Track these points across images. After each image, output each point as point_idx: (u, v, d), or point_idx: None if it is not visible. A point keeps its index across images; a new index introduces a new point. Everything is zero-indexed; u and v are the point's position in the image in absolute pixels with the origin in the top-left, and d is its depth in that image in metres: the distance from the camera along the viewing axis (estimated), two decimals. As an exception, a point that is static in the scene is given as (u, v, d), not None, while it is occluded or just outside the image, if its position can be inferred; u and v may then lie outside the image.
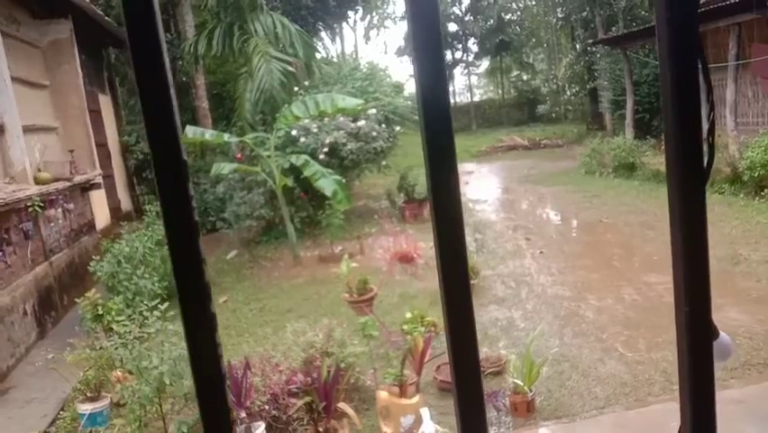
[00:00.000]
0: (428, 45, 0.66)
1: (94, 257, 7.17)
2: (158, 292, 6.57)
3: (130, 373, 4.57)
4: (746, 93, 13.05)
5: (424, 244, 6.32)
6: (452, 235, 0.70)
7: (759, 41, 12.34)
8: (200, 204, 11.92)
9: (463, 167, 20.17)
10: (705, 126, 0.81)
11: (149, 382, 4.06)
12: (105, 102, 12.45)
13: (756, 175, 9.91)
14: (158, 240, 7.79)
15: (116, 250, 6.99)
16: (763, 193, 9.81)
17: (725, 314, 5.69)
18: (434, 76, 0.66)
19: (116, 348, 4.29)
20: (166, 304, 4.84)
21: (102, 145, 11.34)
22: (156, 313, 4.70)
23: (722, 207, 9.87)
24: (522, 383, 4.23)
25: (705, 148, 0.80)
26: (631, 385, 4.59)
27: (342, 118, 10.38)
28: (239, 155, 9.98)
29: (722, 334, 0.99)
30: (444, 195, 0.69)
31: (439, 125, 0.68)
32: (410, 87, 32.15)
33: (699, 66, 0.73)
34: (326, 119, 10.23)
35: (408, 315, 4.56)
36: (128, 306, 5.94)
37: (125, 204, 12.61)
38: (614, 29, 20.66)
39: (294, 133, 10.18)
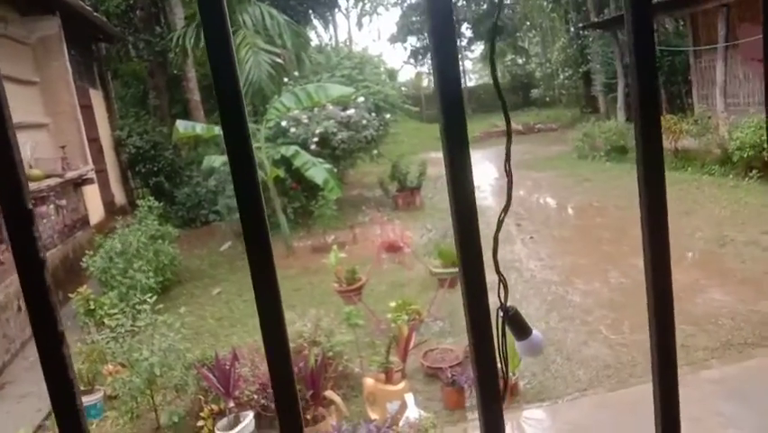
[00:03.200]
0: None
1: (88, 252, 7.24)
2: (152, 286, 6.66)
3: (122, 365, 4.66)
4: (737, 74, 13.06)
5: (411, 234, 6.40)
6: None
7: (748, 22, 12.34)
8: (193, 197, 11.98)
9: (458, 153, 20.14)
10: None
11: (140, 374, 4.15)
12: (96, 97, 12.46)
13: (746, 156, 9.97)
14: (151, 234, 7.86)
15: (108, 246, 7.06)
16: (752, 174, 9.87)
17: (709, 295, 5.79)
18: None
19: (108, 342, 4.37)
20: (156, 297, 4.91)
21: (94, 140, 11.37)
22: (146, 306, 4.78)
23: (712, 188, 9.94)
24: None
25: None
26: (614, 367, 4.68)
27: (331, 108, 10.41)
28: (230, 147, 10.00)
29: (534, 331, 1.09)
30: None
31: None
32: (404, 75, 31.93)
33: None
34: (316, 109, 10.26)
35: (393, 303, 4.64)
36: (122, 300, 6.02)
37: (119, 198, 12.66)
38: (605, 12, 20.62)
39: (284, 124, 10.21)
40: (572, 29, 24.77)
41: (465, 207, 0.77)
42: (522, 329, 1.11)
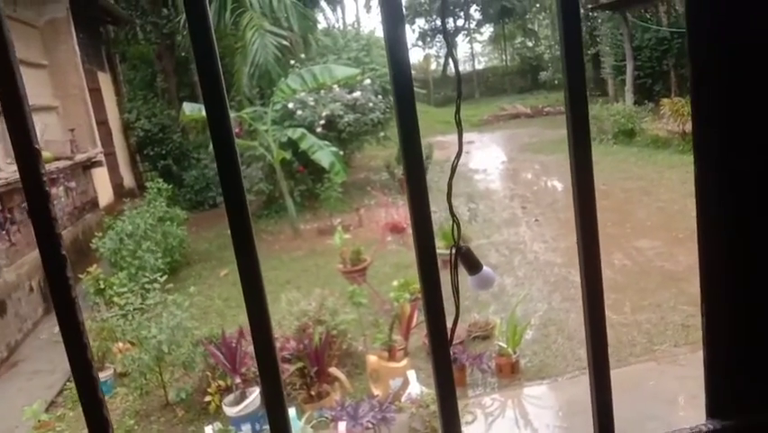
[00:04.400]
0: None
1: (97, 234, 7.35)
2: (160, 267, 6.76)
3: (131, 343, 4.77)
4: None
5: (416, 215, 6.44)
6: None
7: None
8: (201, 180, 12.07)
9: (465, 137, 20.09)
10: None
11: (148, 351, 4.25)
12: (104, 80, 12.53)
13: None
14: (159, 216, 7.95)
15: (119, 227, 7.16)
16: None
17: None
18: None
19: (118, 320, 4.47)
20: (164, 277, 5.01)
21: (103, 123, 11.46)
22: (156, 285, 4.88)
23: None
24: (506, 346, 4.39)
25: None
26: (614, 346, 4.72)
27: (338, 90, 10.43)
28: (237, 130, 10.07)
29: (485, 267, 1.18)
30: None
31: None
32: (412, 57, 31.99)
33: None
34: (322, 92, 10.28)
35: (395, 283, 4.71)
36: (131, 280, 6.12)
37: (128, 181, 12.77)
38: (615, -8, 20.39)
39: (291, 106, 10.25)
40: (582, 10, 24.52)
41: (416, 179, 0.82)
42: (474, 265, 1.21)
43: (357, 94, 10.66)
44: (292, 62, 10.91)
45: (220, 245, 9.51)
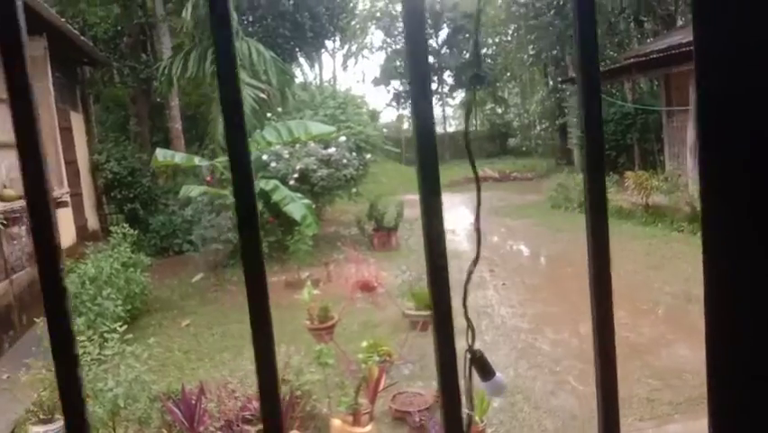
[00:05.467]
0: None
1: (55, 277, 7.11)
2: (120, 315, 6.56)
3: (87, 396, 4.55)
4: (706, 135, 13.51)
5: (386, 273, 6.43)
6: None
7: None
8: (168, 226, 11.89)
9: (434, 196, 20.38)
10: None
11: (103, 405, 4.06)
12: (76, 119, 12.40)
13: (713, 215, 10.25)
14: (123, 261, 7.77)
15: (81, 270, 6.96)
16: (718, 233, 10.15)
17: (674, 350, 5.89)
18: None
19: (71, 370, 4.27)
20: (124, 326, 4.85)
21: (71, 163, 11.27)
22: (115, 335, 4.71)
23: (680, 244, 10.18)
24: (473, 414, 4.32)
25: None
26: (581, 419, 4.71)
27: (313, 145, 10.52)
28: (209, 178, 10.02)
29: (497, 374, 1.20)
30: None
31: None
32: (385, 116, 32.34)
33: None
34: (297, 145, 10.36)
35: (364, 344, 4.64)
36: (89, 327, 5.91)
37: (92, 223, 12.50)
38: (584, 68, 21.26)
39: (265, 158, 10.28)
40: (551, 82, 25.50)
41: (437, 251, 0.82)
42: (487, 371, 1.21)
43: (332, 150, 10.77)
44: (269, 115, 11.02)
45: (182, 294, 9.30)
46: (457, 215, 16.52)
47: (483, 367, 1.19)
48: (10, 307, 7.35)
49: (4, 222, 7.00)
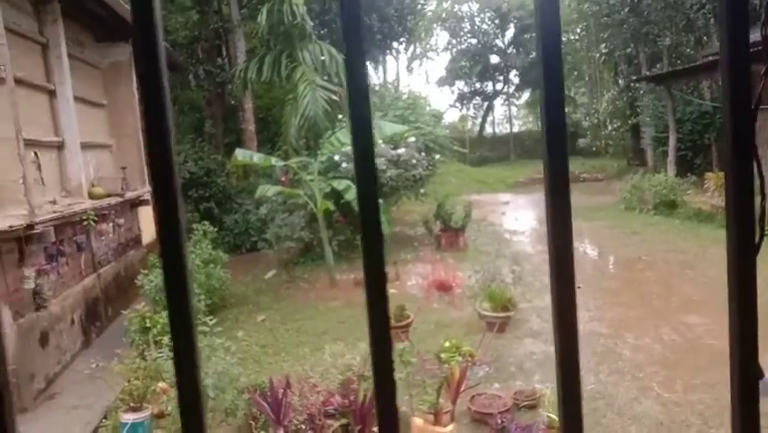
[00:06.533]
0: (555, 76, 0.77)
1: (142, 271, 7.44)
2: (201, 309, 6.78)
3: (173, 386, 4.74)
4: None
5: (462, 274, 6.39)
6: (563, 261, 0.80)
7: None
8: (242, 224, 12.22)
9: (499, 197, 20.18)
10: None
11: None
12: (156, 122, 12.91)
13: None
14: (204, 258, 8.02)
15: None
16: (809, 237, 9.60)
17: (765, 360, 5.60)
18: (556, 104, 0.77)
19: (166, 360, 4.45)
20: (214, 320, 5.02)
21: (151, 163, 11.75)
22: (204, 328, 4.88)
23: (765, 249, 9.68)
24: (556, 418, 4.24)
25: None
26: (667, 426, 4.55)
27: (383, 146, 10.58)
28: (283, 178, 10.24)
29: (766, 374, 1.08)
30: (559, 222, 0.79)
31: (558, 152, 0.78)
32: (449, 117, 32.19)
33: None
34: (369, 146, 10.43)
35: (447, 344, 4.63)
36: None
37: (170, 220, 12.97)
38: (658, 66, 20.57)
39: (336, 158, 10.41)
40: (622, 81, 24.74)
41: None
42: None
43: (401, 150, 10.80)
44: (339, 117, 11.16)
45: (256, 289, 9.53)
46: (524, 215, 16.29)
47: None
48: (97, 299, 7.73)
49: (95, 219, 7.36)
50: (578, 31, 28.47)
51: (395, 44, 24.12)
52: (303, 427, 4.19)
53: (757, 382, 0.93)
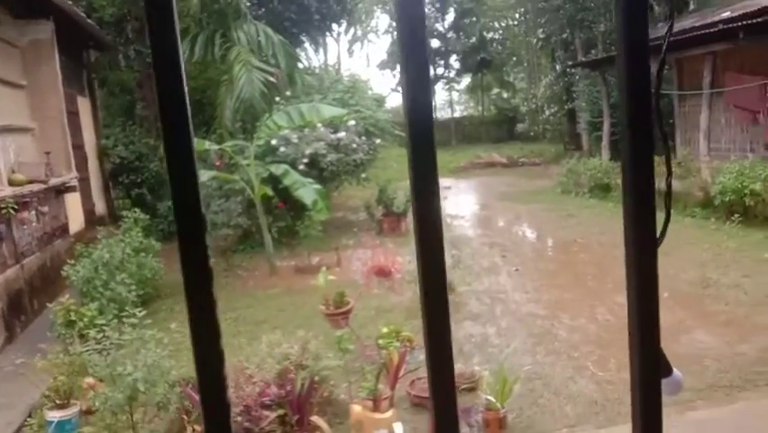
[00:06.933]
0: (415, 57, 0.70)
1: (68, 261, 7.08)
2: (132, 300, 6.52)
3: (101, 380, 4.52)
4: (720, 119, 13.39)
5: (401, 259, 6.36)
6: (432, 246, 0.74)
7: (733, 70, 12.69)
8: (177, 210, 11.83)
9: (441, 182, 19.93)
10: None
11: (121, 390, 4.02)
12: (83, 104, 12.31)
13: (727, 200, 10.16)
14: (135, 247, 7.71)
15: (96, 255, 6.91)
16: (733, 218, 10.04)
17: (693, 336, 5.82)
18: (419, 88, 0.71)
19: (91, 355, 4.24)
20: (144, 311, 4.81)
21: (79, 147, 11.20)
22: (133, 320, 4.67)
23: (693, 230, 10.08)
24: (495, 400, 4.27)
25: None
26: (601, 404, 4.65)
27: (322, 129, 10.42)
28: (218, 163, 9.94)
29: (675, 371, 1.04)
30: (426, 205, 0.74)
31: (423, 137, 0.73)
32: (391, 101, 32.29)
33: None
34: (306, 130, 10.25)
35: (384, 329, 4.58)
36: (101, 312, 5.87)
37: (100, 208, 12.45)
38: (593, 52, 21.06)
39: (274, 142, 10.18)
40: (559, 67, 25.26)
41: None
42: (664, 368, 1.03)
43: (341, 134, 10.67)
44: (277, 99, 10.90)
45: (193, 279, 9.25)
46: (465, 200, 16.46)
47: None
48: (21, 291, 7.32)
49: (15, 207, 6.94)
50: (516, 16, 28.86)
51: (334, 26, 23.80)
52: (239, 419, 4.06)
53: (659, 367, 0.89)
